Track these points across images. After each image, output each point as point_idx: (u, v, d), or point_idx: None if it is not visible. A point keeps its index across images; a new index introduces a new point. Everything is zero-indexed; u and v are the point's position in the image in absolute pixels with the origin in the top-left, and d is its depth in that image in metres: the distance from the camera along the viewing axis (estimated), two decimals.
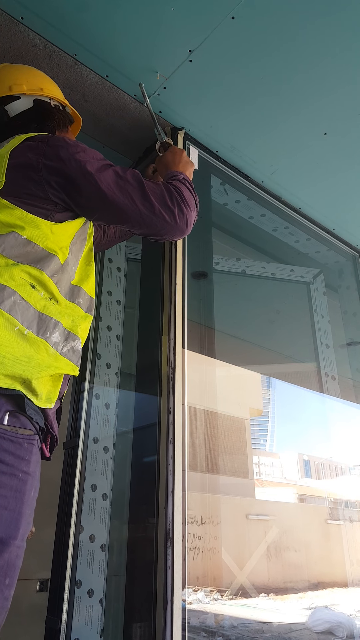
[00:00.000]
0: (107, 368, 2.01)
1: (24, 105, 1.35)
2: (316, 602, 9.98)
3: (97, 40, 1.67)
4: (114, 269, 2.21)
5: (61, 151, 1.19)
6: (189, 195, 1.32)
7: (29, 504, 1.00)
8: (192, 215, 1.31)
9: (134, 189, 1.23)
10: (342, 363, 2.94)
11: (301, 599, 10.71)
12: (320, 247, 2.79)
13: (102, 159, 1.25)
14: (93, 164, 1.20)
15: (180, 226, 1.28)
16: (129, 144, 2.08)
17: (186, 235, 1.34)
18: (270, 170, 2.26)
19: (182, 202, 1.29)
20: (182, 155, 1.57)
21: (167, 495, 1.43)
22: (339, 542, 13.14)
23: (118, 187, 1.21)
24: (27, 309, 1.06)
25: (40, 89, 1.38)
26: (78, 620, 1.62)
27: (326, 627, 7.36)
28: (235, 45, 1.69)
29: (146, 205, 1.23)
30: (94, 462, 1.84)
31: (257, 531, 12.40)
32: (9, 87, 1.34)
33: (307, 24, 1.63)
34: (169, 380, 1.59)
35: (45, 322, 1.09)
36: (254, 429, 61.28)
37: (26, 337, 1.04)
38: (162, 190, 1.28)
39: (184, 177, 1.42)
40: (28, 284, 1.08)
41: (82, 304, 1.21)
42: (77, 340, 1.17)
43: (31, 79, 1.39)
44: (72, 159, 1.18)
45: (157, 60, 1.74)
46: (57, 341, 1.11)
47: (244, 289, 3.13)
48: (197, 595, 9.55)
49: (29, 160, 1.17)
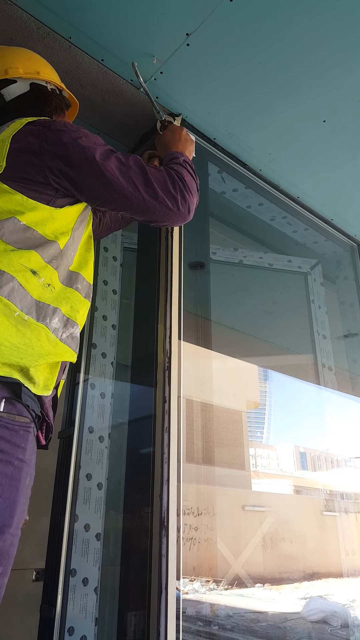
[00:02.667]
0: (102, 358, 2.00)
1: (20, 89, 1.32)
2: (311, 592, 10.09)
3: (92, 23, 1.63)
4: (110, 258, 2.19)
5: (63, 136, 1.17)
6: (190, 179, 1.31)
7: (24, 492, 0.99)
8: (194, 201, 1.30)
9: (137, 175, 1.21)
10: (338, 355, 2.93)
11: (296, 589, 10.82)
12: (318, 238, 2.77)
13: (104, 145, 1.23)
14: (96, 149, 1.18)
15: (183, 212, 1.27)
16: (125, 130, 2.05)
17: (188, 221, 1.33)
18: (268, 159, 2.24)
19: (185, 188, 1.27)
20: (181, 133, 1.55)
21: (162, 484, 1.43)
22: (334, 533, 13.25)
23: (121, 173, 1.19)
24: (24, 295, 1.05)
25: (36, 73, 1.35)
26: (73, 609, 1.62)
27: (321, 617, 7.44)
28: (233, 30, 1.66)
29: (149, 192, 1.21)
30: (89, 451, 1.83)
31: (253, 522, 12.49)
32: (5, 70, 1.31)
33: (307, 10, 1.60)
34: (165, 369, 1.58)
35: (43, 310, 1.08)
36: (250, 421, 61.54)
37: (27, 323, 1.03)
38: (165, 176, 1.26)
39: (184, 159, 1.40)
40: (28, 269, 1.07)
41: (80, 289, 1.20)
42: (76, 327, 1.16)
43: (27, 62, 1.36)
44: (75, 144, 1.16)
45: (153, 44, 1.71)
46: (57, 327, 1.10)
47: (241, 279, 3.12)
48: (194, 585, 9.63)
49: (31, 145, 1.15)
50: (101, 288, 2.10)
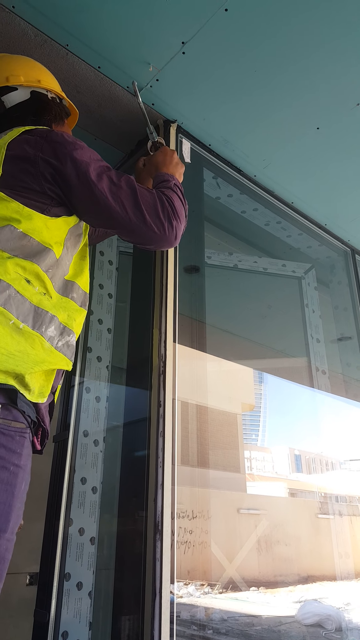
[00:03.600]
0: (98, 361, 2.01)
1: (20, 96, 1.33)
2: (306, 596, 10.09)
3: (90, 31, 1.65)
4: (106, 262, 2.20)
5: (58, 148, 1.17)
6: (179, 205, 1.30)
7: (20, 497, 1.00)
8: (181, 228, 1.30)
9: (127, 197, 1.21)
10: (332, 358, 2.95)
11: (291, 592, 10.82)
12: (312, 242, 2.80)
13: (99, 160, 1.23)
14: (89, 164, 1.18)
15: (169, 238, 1.26)
16: (121, 136, 2.07)
17: (174, 246, 1.33)
18: (262, 164, 2.26)
19: (173, 213, 1.26)
20: (172, 156, 1.54)
21: (156, 488, 1.43)
22: (329, 536, 13.26)
23: (111, 193, 1.19)
24: (22, 302, 1.05)
25: (37, 81, 1.36)
26: (67, 614, 1.62)
27: (315, 620, 7.45)
28: (228, 38, 1.68)
29: (137, 214, 1.21)
30: (84, 455, 1.83)
31: (248, 525, 12.49)
32: (6, 77, 1.32)
33: (300, 17, 1.62)
34: (160, 373, 1.59)
35: (41, 317, 1.08)
36: (245, 424, 61.55)
37: (21, 331, 1.03)
38: (155, 200, 1.25)
39: (175, 182, 1.39)
40: (23, 278, 1.07)
41: (76, 298, 1.20)
42: (72, 335, 1.17)
43: (29, 70, 1.37)
44: (70, 157, 1.17)
45: (149, 52, 1.73)
46: (53, 335, 1.10)
47: (236, 283, 3.14)
48: (188, 589, 9.60)
49: (27, 153, 1.16)
50: (97, 292, 2.11)
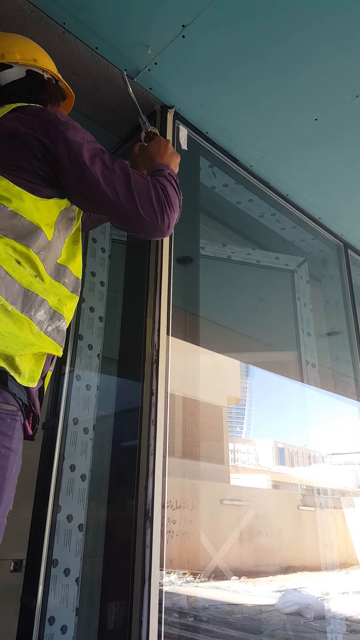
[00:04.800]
0: (89, 349, 1.99)
1: (16, 74, 1.30)
2: (286, 585, 10.26)
3: (88, 10, 1.61)
4: (98, 249, 2.18)
5: (50, 127, 1.14)
6: (174, 194, 1.26)
7: (11, 480, 0.99)
8: (174, 218, 1.26)
9: (120, 182, 1.17)
10: (321, 353, 2.97)
11: (272, 581, 10.99)
12: (306, 236, 2.80)
13: (93, 142, 1.20)
14: (82, 145, 1.15)
15: (161, 228, 1.22)
16: (117, 120, 2.03)
17: (166, 237, 1.30)
18: (259, 155, 2.24)
19: (167, 202, 1.22)
20: (167, 146, 1.49)
21: (147, 475, 1.43)
22: (310, 527, 13.47)
23: (103, 176, 1.15)
24: (12, 284, 1.03)
25: (34, 60, 1.33)
26: (54, 599, 1.62)
27: (295, 609, 7.59)
28: (229, 24, 1.66)
29: (129, 200, 1.17)
30: (73, 442, 1.82)
31: (230, 516, 12.62)
32: (2, 54, 1.29)
33: (303, 8, 1.60)
34: (152, 362, 1.58)
35: (30, 299, 1.06)
36: (231, 416, 61.99)
37: (10, 314, 1.01)
38: (149, 187, 1.21)
39: (170, 172, 1.35)
40: (13, 259, 1.05)
41: (67, 283, 1.18)
42: (63, 320, 1.15)
43: (25, 49, 1.34)
44: (62, 137, 1.13)
45: (149, 34, 1.69)
46: (42, 320, 1.08)
47: (229, 275, 3.13)
48: (170, 578, 9.70)
49: (17, 131, 1.13)
50: (89, 280, 2.09)
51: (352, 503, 14.70)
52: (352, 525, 13.76)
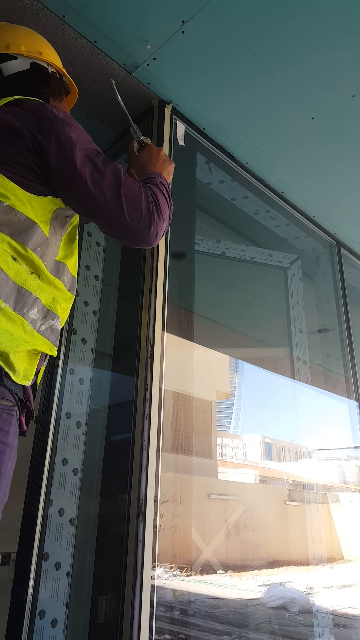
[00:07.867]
0: (82, 343, 1.99)
1: (20, 66, 1.29)
2: (272, 579, 10.37)
3: (88, 3, 1.60)
4: (93, 243, 2.17)
5: (45, 123, 1.13)
6: (164, 203, 1.24)
7: (6, 475, 0.99)
8: (163, 227, 1.23)
9: (109, 186, 1.14)
10: (312, 350, 3.00)
11: (257, 576, 11.10)
12: (299, 233, 2.81)
13: (88, 142, 1.18)
14: (75, 145, 1.13)
15: (147, 237, 1.19)
16: (115, 115, 2.02)
17: (152, 246, 1.27)
18: (255, 152, 2.25)
19: (156, 211, 1.19)
20: (159, 154, 1.45)
21: (140, 470, 1.44)
22: (296, 522, 13.61)
23: (92, 178, 1.12)
24: (5, 281, 1.02)
25: (39, 53, 1.32)
26: (44, 593, 1.62)
27: (280, 603, 7.68)
28: (228, 21, 1.65)
29: (116, 205, 1.14)
30: (65, 437, 1.82)
31: (217, 510, 12.70)
32: (7, 45, 1.28)
33: (302, 6, 1.61)
34: (147, 357, 1.58)
35: (23, 297, 1.04)
36: (219, 411, 62.24)
37: (2, 311, 1.00)
38: (140, 194, 1.18)
39: (161, 180, 1.32)
40: (9, 255, 1.04)
41: (65, 281, 1.17)
42: (57, 319, 1.13)
43: (31, 41, 1.33)
44: (54, 134, 1.12)
45: (148, 29, 1.69)
46: (35, 318, 1.07)
47: (222, 271, 3.14)
48: (156, 572, 9.75)
49: (13, 124, 1.12)
50: (83, 273, 2.08)
51: (337, 498, 14.87)
52: (337, 520, 13.93)
